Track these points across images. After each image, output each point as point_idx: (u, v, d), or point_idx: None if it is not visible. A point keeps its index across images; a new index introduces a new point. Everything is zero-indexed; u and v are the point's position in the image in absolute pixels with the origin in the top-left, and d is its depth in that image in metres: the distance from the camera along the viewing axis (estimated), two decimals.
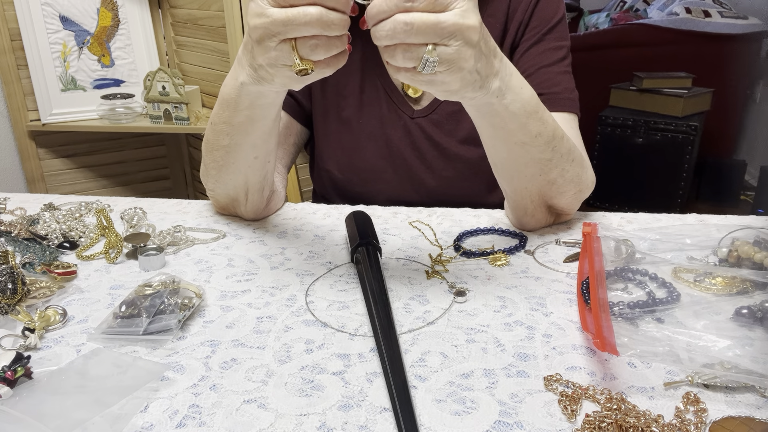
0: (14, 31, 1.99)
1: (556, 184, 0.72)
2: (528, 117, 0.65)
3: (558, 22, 0.88)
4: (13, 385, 0.48)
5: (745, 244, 0.64)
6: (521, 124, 0.65)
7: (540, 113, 0.66)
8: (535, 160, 0.69)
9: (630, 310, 0.58)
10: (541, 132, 0.67)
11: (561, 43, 0.88)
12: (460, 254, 0.72)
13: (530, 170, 0.70)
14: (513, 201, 0.76)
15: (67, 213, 0.85)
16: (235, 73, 0.63)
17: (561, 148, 0.70)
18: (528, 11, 0.87)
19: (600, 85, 2.83)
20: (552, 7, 0.88)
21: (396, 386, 0.47)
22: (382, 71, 0.90)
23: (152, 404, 0.47)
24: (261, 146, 0.73)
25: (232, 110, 0.68)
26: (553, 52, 0.87)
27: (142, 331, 0.56)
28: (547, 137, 0.68)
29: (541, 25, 0.87)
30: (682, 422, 0.44)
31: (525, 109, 0.64)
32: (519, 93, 0.63)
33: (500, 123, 0.65)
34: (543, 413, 0.46)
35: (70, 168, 2.24)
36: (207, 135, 0.76)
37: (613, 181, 2.76)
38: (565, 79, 0.87)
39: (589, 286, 0.60)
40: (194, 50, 2.14)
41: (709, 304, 0.58)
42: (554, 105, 0.83)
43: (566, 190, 0.74)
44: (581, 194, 0.76)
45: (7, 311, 0.58)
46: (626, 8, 3.58)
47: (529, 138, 0.66)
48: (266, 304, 0.62)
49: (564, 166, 0.71)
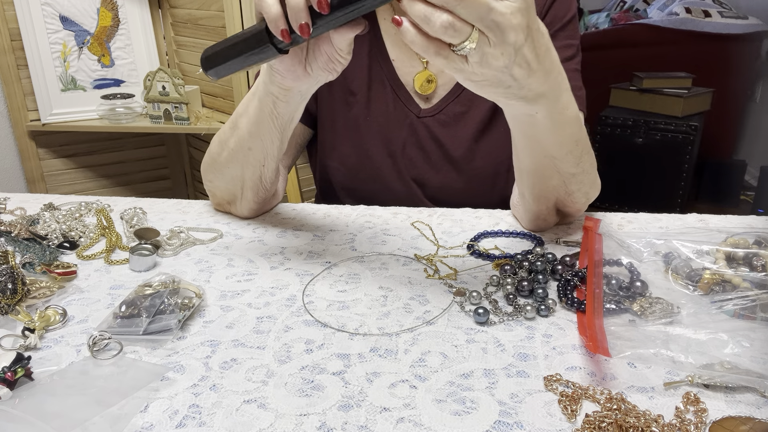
0: (14, 31, 1.99)
1: (574, 195, 0.73)
2: (565, 135, 0.63)
3: (570, 21, 0.87)
4: (13, 386, 0.48)
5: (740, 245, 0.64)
6: (557, 141, 0.64)
7: (577, 132, 0.65)
8: (561, 173, 0.69)
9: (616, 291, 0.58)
10: (573, 150, 0.66)
11: (571, 42, 0.87)
12: (470, 254, 0.72)
13: (554, 182, 0.70)
14: (529, 205, 0.76)
15: (67, 213, 0.85)
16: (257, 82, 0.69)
17: (586, 164, 0.69)
18: (543, 11, 0.87)
19: (600, 85, 2.83)
20: (565, 6, 0.87)
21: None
22: (390, 67, 0.90)
23: (152, 404, 0.47)
24: (268, 150, 0.75)
25: (252, 111, 0.72)
26: (563, 50, 0.86)
27: (142, 331, 0.56)
28: (577, 154, 0.67)
29: (554, 23, 0.86)
30: (682, 422, 0.44)
31: (564, 128, 0.62)
32: (564, 113, 0.61)
33: (535, 135, 0.63)
34: (543, 413, 0.46)
35: (70, 168, 2.24)
36: (224, 127, 0.79)
37: (613, 181, 2.75)
38: (573, 77, 0.85)
39: (586, 279, 0.60)
40: (194, 50, 2.14)
41: (708, 304, 0.58)
42: None
43: (581, 199, 0.75)
44: (591, 199, 0.77)
45: (7, 311, 0.58)
46: (626, 8, 3.57)
47: (561, 154, 0.66)
48: (266, 304, 0.62)
49: (584, 179, 0.71)
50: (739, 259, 0.63)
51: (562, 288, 0.62)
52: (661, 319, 0.56)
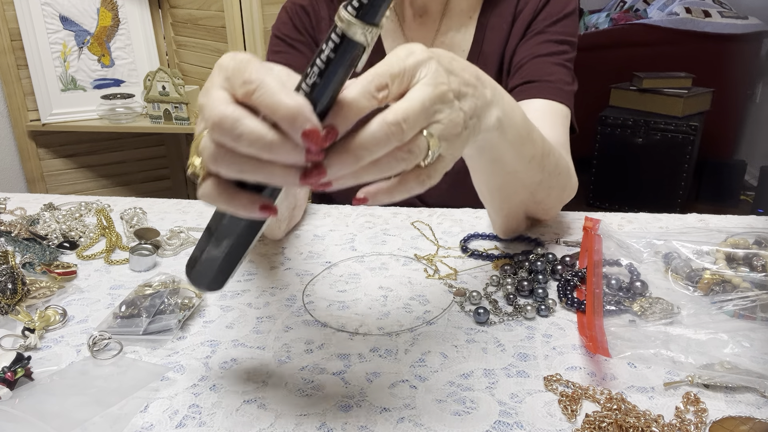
0: (14, 31, 1.99)
1: (543, 203, 0.70)
2: (523, 142, 0.58)
3: (564, 16, 0.85)
4: (13, 386, 0.48)
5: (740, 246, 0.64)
6: (517, 151, 0.58)
7: (531, 133, 0.60)
8: (525, 185, 0.65)
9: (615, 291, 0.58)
10: (534, 155, 0.61)
11: (564, 38, 0.84)
12: (468, 256, 0.72)
13: (520, 196, 0.67)
14: (497, 222, 0.73)
15: (67, 213, 0.85)
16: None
17: (549, 165, 0.64)
18: (537, 9, 0.85)
19: (600, 85, 2.83)
20: (560, 4, 0.85)
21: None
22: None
23: (152, 404, 0.47)
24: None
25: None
26: (553, 44, 0.83)
27: (142, 331, 0.56)
28: (538, 158, 0.62)
29: (546, 19, 0.84)
30: (682, 422, 0.44)
31: (520, 133, 0.57)
32: (513, 117, 0.55)
33: (496, 156, 0.58)
34: (543, 413, 0.46)
35: (70, 168, 2.24)
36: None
37: (613, 181, 2.76)
38: (561, 71, 0.82)
39: (585, 280, 0.60)
40: (194, 50, 2.14)
41: (708, 304, 0.58)
42: (545, 92, 0.79)
43: (551, 206, 0.72)
44: (563, 203, 0.75)
45: (7, 311, 0.58)
46: (626, 8, 3.57)
47: (523, 165, 0.61)
48: (266, 304, 0.62)
49: (551, 183, 0.67)
50: (739, 259, 0.63)
51: (562, 288, 0.62)
52: (661, 320, 0.56)
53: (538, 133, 0.62)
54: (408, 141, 0.40)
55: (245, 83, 0.35)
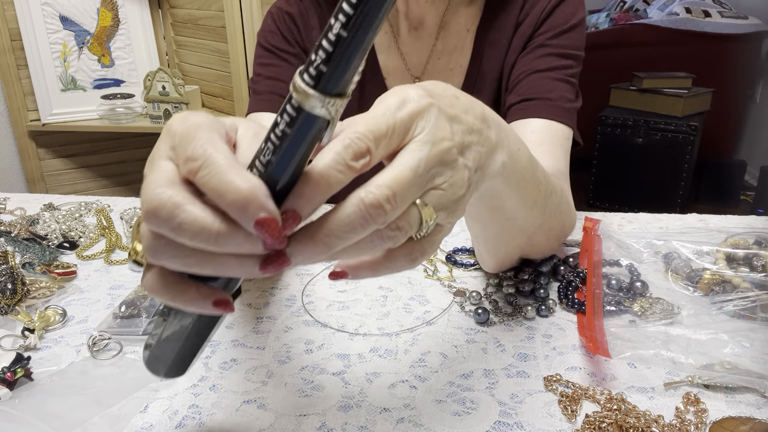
0: (14, 31, 1.99)
1: (540, 246, 0.63)
2: (526, 186, 0.50)
3: (570, 28, 0.78)
4: (13, 386, 0.48)
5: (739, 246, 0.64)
6: (520, 197, 0.50)
7: (536, 174, 0.51)
8: (524, 230, 0.57)
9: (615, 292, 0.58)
10: (537, 199, 0.53)
11: (568, 51, 0.77)
12: (454, 266, 0.71)
13: (518, 241, 0.59)
14: (489, 264, 0.64)
15: (67, 213, 0.85)
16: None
17: (551, 206, 0.57)
18: (539, 20, 0.78)
19: (600, 85, 2.83)
20: (568, 13, 0.78)
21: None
22: (382, 83, 0.86)
23: (152, 404, 0.47)
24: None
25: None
26: (555, 58, 0.76)
27: (142, 331, 0.56)
28: (541, 202, 0.54)
29: (549, 31, 0.78)
30: (682, 422, 0.44)
31: (524, 176, 0.49)
32: (518, 159, 0.46)
33: (497, 203, 0.49)
34: (543, 413, 0.46)
35: (70, 168, 2.24)
36: None
37: (613, 181, 2.76)
38: (563, 87, 0.75)
39: (586, 280, 0.60)
40: (194, 50, 2.14)
41: (708, 304, 0.58)
42: (544, 111, 0.72)
43: (550, 247, 0.65)
44: (561, 241, 0.67)
45: (7, 311, 0.58)
46: (626, 8, 3.58)
47: (525, 211, 0.53)
48: (266, 305, 0.62)
49: (551, 224, 0.60)
50: (739, 259, 0.63)
51: (563, 289, 0.62)
52: (661, 320, 0.56)
53: (541, 170, 0.53)
54: (394, 221, 0.32)
55: (188, 160, 0.29)
